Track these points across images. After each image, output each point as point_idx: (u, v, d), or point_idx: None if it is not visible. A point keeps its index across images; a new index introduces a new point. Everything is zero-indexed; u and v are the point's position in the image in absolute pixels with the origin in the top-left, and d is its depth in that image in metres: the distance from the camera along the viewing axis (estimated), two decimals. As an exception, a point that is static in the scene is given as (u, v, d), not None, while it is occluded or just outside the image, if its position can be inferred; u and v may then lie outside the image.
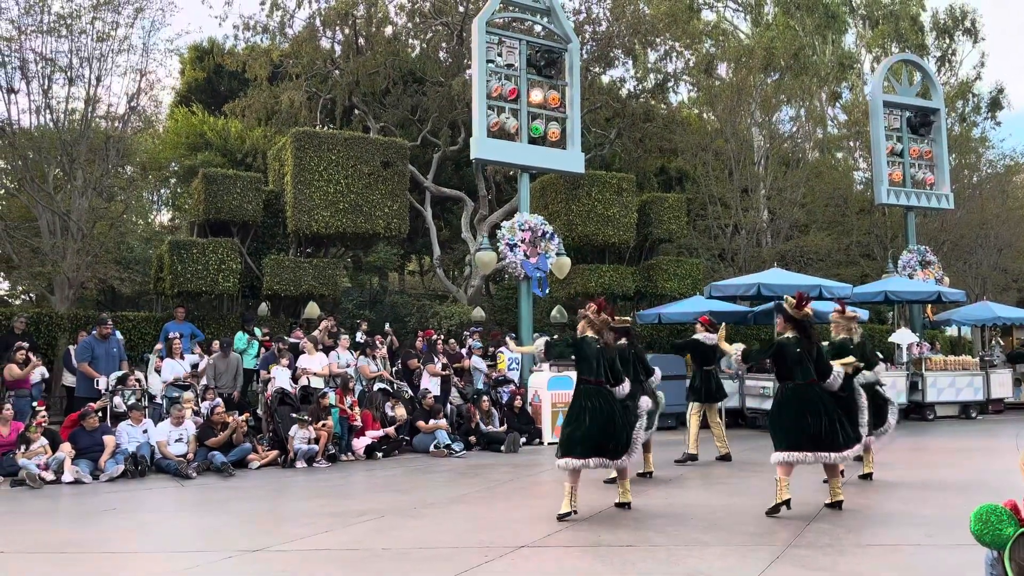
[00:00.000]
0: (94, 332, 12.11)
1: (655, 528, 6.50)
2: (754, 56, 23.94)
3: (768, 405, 13.89)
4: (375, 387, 12.67)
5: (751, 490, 8.31)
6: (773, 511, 6.78)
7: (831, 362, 7.37)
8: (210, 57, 26.04)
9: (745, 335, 19.46)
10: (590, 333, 7.08)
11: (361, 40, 21.58)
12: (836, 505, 7.04)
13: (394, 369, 13.76)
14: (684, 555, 5.58)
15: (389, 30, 22.15)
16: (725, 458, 10.42)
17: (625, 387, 7.21)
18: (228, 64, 22.91)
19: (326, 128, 20.90)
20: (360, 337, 14.33)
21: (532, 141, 15.12)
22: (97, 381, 11.41)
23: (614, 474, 7.57)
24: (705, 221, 23.23)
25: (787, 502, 6.79)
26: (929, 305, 18.40)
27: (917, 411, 15.65)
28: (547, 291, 15.55)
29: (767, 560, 5.38)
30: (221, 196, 15.67)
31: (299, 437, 10.59)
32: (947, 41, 31.66)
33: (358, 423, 11.47)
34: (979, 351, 21.74)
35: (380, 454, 11.24)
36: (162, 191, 25.50)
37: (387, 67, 21.21)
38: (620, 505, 7.22)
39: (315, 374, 12.11)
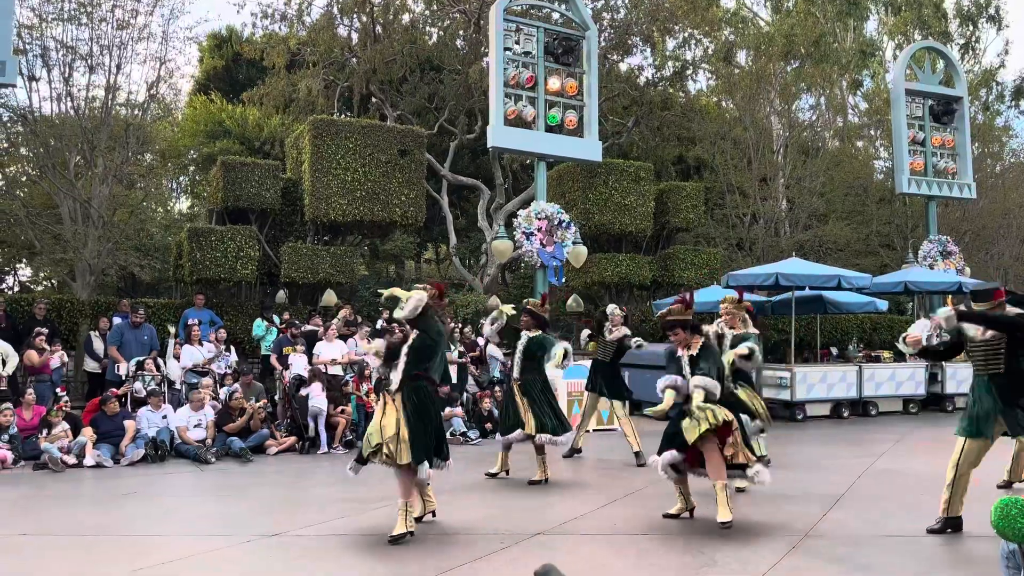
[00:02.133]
0: (127, 318, 12.29)
1: (671, 519, 6.50)
2: (774, 43, 23.69)
3: (785, 395, 13.88)
4: (392, 374, 12.70)
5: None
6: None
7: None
8: (228, 45, 26.16)
9: (763, 326, 19.38)
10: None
11: (378, 28, 21.57)
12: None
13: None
14: (699, 544, 5.59)
15: (406, 18, 22.13)
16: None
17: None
18: (246, 52, 23.00)
19: (343, 116, 20.94)
20: (380, 325, 14.40)
21: (549, 129, 15.06)
22: (118, 366, 11.59)
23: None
24: (723, 210, 23.09)
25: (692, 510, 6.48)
26: (950, 296, 18.11)
27: (936, 403, 15.51)
28: (563, 280, 15.53)
29: (783, 550, 5.38)
30: (239, 184, 15.75)
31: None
32: (971, 28, 31.16)
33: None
34: (1000, 343, 21.48)
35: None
36: (181, 179, 25.70)
37: (404, 55, 21.20)
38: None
39: (333, 362, 12.18)
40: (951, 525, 5.85)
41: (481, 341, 14.09)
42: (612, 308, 10.12)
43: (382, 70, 21.22)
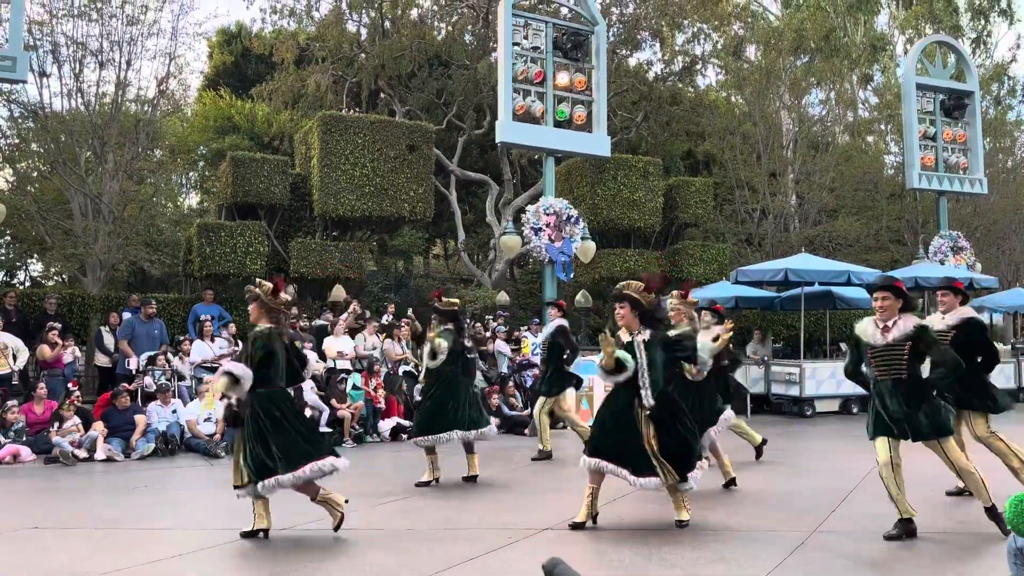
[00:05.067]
0: (138, 312, 12.37)
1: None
2: (784, 38, 23.56)
3: (794, 391, 13.86)
4: (400, 370, 12.76)
5: (776, 475, 8.29)
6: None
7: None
8: (238, 41, 26.20)
9: (772, 321, 19.32)
10: (264, 324, 5.92)
11: (387, 23, 21.57)
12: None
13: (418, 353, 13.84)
14: (708, 540, 5.59)
15: (415, 13, 22.11)
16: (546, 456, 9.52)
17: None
18: (255, 48, 23.04)
19: (352, 112, 20.95)
20: (386, 320, 14.44)
21: (558, 124, 15.04)
22: (129, 360, 11.66)
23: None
24: (732, 206, 23.01)
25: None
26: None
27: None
28: (572, 276, 15.53)
29: (791, 546, 5.37)
30: (249, 179, 15.79)
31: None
32: (982, 22, 30.89)
33: (382, 405, 11.57)
34: (1011, 339, 21.39)
35: (405, 436, 11.33)
36: (190, 174, 25.77)
37: (413, 50, 21.19)
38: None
39: (340, 356, 12.22)
40: (906, 530, 5.58)
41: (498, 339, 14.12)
42: (674, 302, 9.07)
43: (391, 65, 21.22)
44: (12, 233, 19.83)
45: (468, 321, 14.73)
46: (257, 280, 6.20)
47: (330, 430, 10.66)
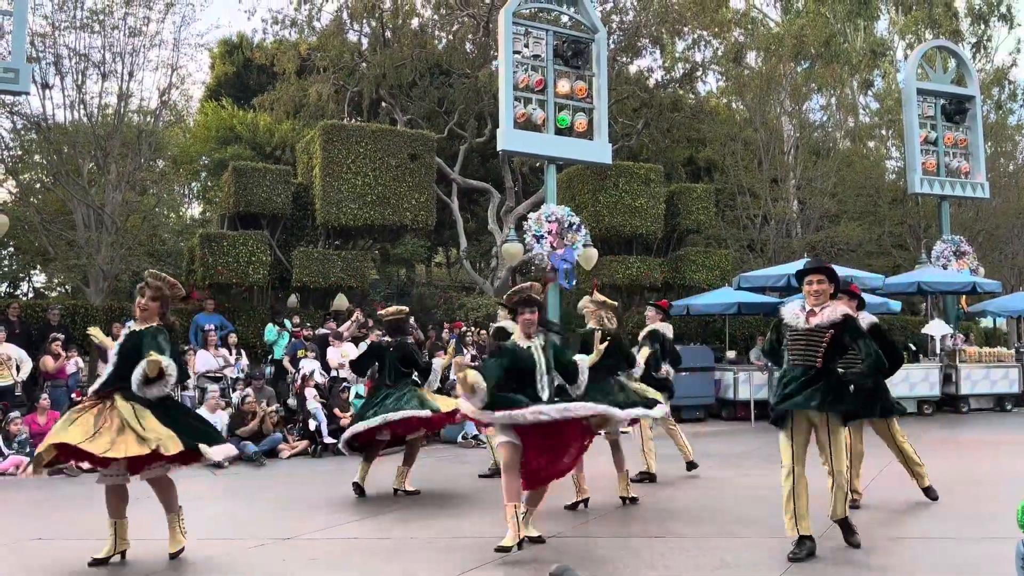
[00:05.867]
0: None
1: (683, 520, 6.48)
2: (784, 44, 23.60)
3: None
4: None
5: (777, 481, 8.24)
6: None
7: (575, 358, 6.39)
8: (239, 51, 26.30)
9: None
10: (140, 327, 5.53)
11: (388, 33, 21.65)
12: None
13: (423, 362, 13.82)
14: (711, 547, 5.57)
15: (415, 22, 22.19)
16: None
17: None
18: (257, 58, 23.13)
19: (354, 121, 21.01)
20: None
21: (559, 132, 15.06)
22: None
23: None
24: (734, 212, 23.02)
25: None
26: (963, 296, 18.08)
27: (951, 404, 15.41)
28: (574, 283, 15.52)
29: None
30: (251, 189, 15.83)
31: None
32: (982, 27, 30.93)
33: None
34: (1015, 343, 21.34)
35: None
36: (193, 184, 25.85)
37: (414, 59, 21.26)
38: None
39: (342, 366, 12.22)
40: (808, 549, 5.16)
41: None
42: (584, 302, 8.29)
43: (392, 75, 21.28)
44: (15, 244, 19.88)
45: (470, 329, 14.73)
46: (155, 272, 5.75)
47: (333, 440, 10.64)
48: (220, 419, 10.51)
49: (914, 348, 18.12)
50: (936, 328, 16.10)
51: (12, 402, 10.54)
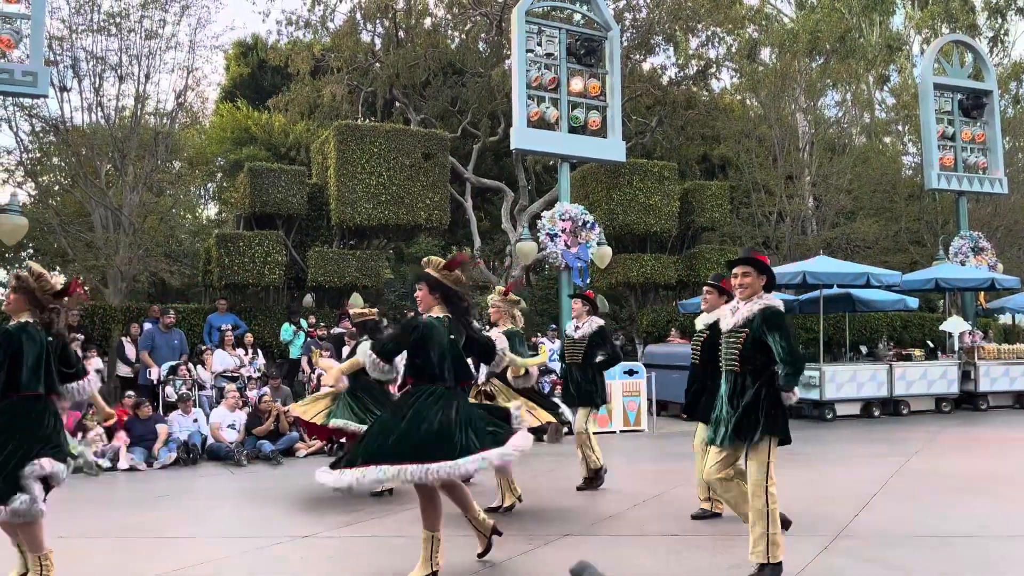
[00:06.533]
0: (157, 323, 12.51)
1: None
2: (798, 40, 23.48)
3: (814, 395, 13.75)
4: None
5: (798, 480, 8.22)
6: None
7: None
8: (254, 53, 26.47)
9: (790, 324, 19.19)
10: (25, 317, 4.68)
11: (401, 33, 21.70)
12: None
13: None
14: (730, 545, 5.56)
15: (428, 22, 22.24)
16: None
17: None
18: (271, 59, 23.25)
19: (368, 121, 21.09)
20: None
21: (572, 130, 15.05)
22: (150, 371, 11.79)
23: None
24: (749, 209, 22.91)
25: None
26: (982, 292, 17.92)
27: (969, 401, 15.29)
28: (588, 281, 15.51)
29: (815, 551, 5.34)
30: (266, 190, 15.92)
31: None
32: (999, 21, 30.63)
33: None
34: (1035, 340, 21.11)
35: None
36: (209, 185, 26.01)
37: (427, 59, 21.30)
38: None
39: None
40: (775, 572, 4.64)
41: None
42: (493, 299, 7.63)
43: (405, 74, 21.34)
44: (35, 246, 20.08)
45: (485, 327, 14.73)
46: (28, 264, 5.05)
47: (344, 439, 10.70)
48: (238, 418, 10.60)
49: (932, 345, 17.99)
50: (954, 325, 15.97)
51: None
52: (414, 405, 4.66)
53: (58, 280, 4.98)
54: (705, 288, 6.46)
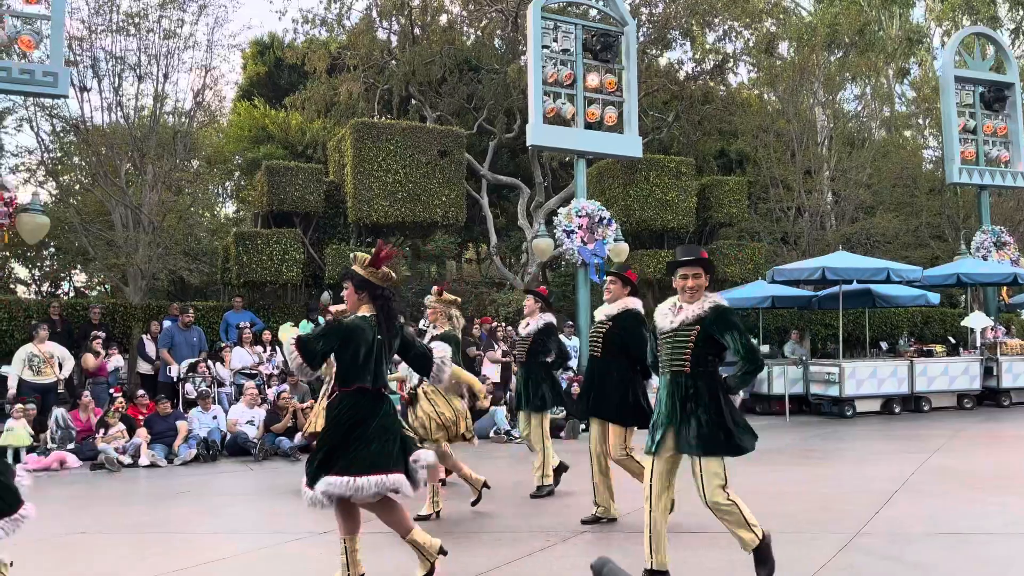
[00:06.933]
0: (177, 321, 12.63)
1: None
2: (817, 34, 23.26)
3: (834, 391, 13.66)
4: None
5: (817, 477, 8.17)
6: None
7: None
8: (270, 51, 26.59)
9: (809, 320, 19.06)
10: None
11: (417, 30, 21.73)
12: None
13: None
14: (747, 542, 5.52)
15: (444, 19, 22.24)
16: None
17: None
18: (288, 58, 23.36)
19: (384, 118, 21.13)
20: (424, 324, 14.52)
21: (588, 126, 15.01)
22: (170, 368, 11.89)
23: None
24: (767, 204, 22.76)
25: None
26: (1004, 288, 17.70)
27: (992, 397, 15.12)
28: (605, 278, 15.47)
29: (834, 549, 5.29)
30: (283, 188, 16.00)
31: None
32: (1021, 12, 30.19)
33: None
34: (1059, 335, 20.84)
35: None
36: (226, 184, 26.19)
37: (442, 56, 21.31)
38: None
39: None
40: None
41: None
42: (429, 300, 7.33)
43: (421, 72, 21.36)
44: (56, 245, 20.31)
45: (500, 324, 14.75)
46: None
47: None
48: (257, 415, 10.66)
49: (954, 341, 17.80)
50: (976, 321, 15.80)
51: (55, 399, 10.79)
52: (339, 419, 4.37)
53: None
54: (609, 278, 6.33)
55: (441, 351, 5.02)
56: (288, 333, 4.46)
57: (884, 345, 18.51)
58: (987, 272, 16.00)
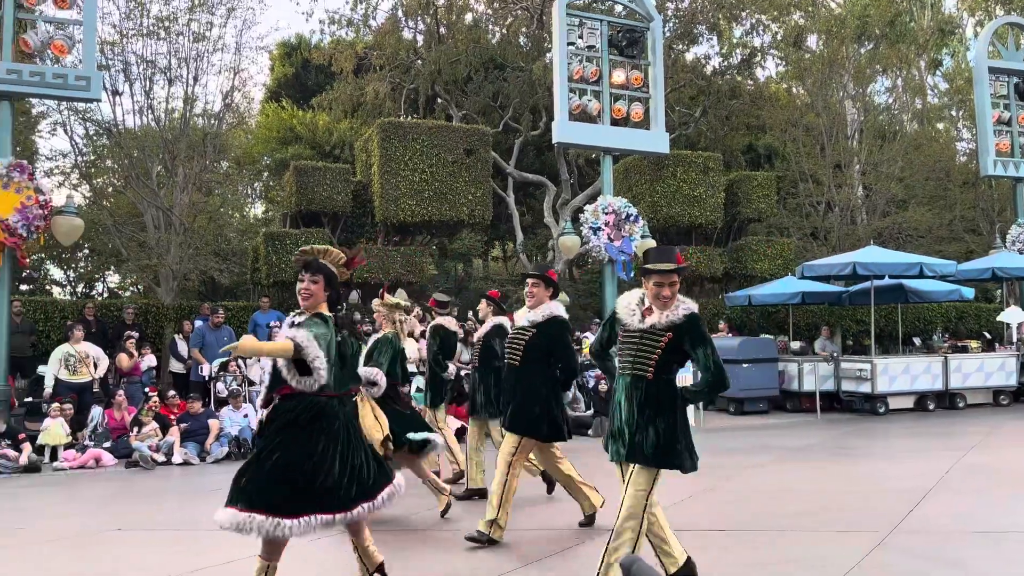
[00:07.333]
0: (208, 321, 12.80)
1: (751, 512, 6.38)
2: (846, 25, 22.94)
3: (866, 388, 13.47)
4: (460, 372, 12.85)
5: (851, 475, 8.07)
6: None
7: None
8: (297, 52, 26.83)
9: (840, 316, 18.82)
10: None
11: (442, 29, 21.78)
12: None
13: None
14: (779, 540, 5.47)
15: (469, 17, 22.28)
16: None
17: None
18: (315, 59, 23.55)
19: (410, 118, 21.22)
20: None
21: (615, 123, 14.94)
22: (201, 368, 12.05)
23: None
24: (796, 199, 22.50)
25: None
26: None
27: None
28: (632, 275, 15.40)
29: (868, 547, 5.22)
30: (312, 188, 16.14)
31: None
32: (1058, 0, 29.56)
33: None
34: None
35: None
36: (255, 184, 26.47)
37: (468, 54, 21.35)
38: None
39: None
40: None
41: None
42: (375, 304, 7.23)
43: (447, 71, 21.42)
44: (90, 246, 20.68)
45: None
46: None
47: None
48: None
49: (989, 336, 17.47)
50: (1012, 315, 15.49)
51: (91, 398, 10.99)
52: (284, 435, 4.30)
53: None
54: (530, 280, 5.80)
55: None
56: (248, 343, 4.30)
57: (917, 341, 18.22)
58: (1023, 266, 15.69)
